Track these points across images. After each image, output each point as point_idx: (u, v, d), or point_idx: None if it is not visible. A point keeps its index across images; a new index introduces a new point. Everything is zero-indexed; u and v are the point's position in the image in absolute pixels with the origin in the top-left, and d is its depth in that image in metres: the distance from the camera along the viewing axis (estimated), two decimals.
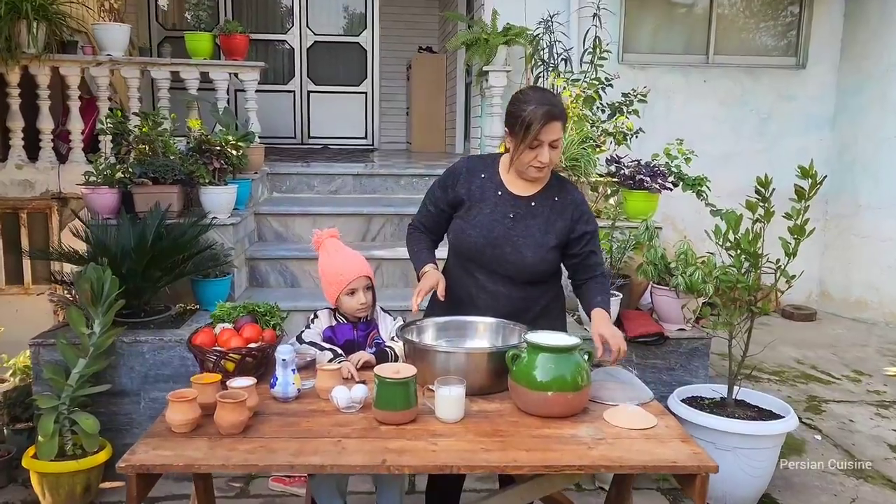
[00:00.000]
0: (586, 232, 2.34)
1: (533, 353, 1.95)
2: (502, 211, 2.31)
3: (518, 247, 2.29)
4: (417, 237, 2.49)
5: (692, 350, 3.51)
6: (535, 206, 2.31)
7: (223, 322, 2.25)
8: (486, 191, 2.34)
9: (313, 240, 2.52)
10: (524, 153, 2.20)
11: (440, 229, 2.48)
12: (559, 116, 2.17)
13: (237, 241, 4.00)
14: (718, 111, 6.25)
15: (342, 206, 4.70)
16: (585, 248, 2.35)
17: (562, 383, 1.90)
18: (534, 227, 2.30)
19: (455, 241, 2.40)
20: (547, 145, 2.18)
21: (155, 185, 3.79)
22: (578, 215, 2.34)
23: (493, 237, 2.30)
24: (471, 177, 2.38)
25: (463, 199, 2.37)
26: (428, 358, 2.06)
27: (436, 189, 2.45)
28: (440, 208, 2.43)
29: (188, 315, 3.63)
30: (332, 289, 2.42)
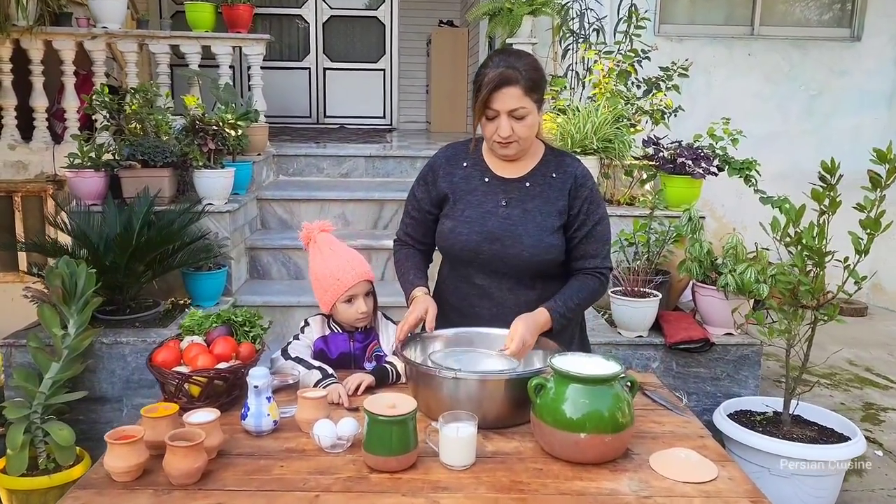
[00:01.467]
0: (581, 211, 1.97)
1: (562, 382, 1.56)
2: (493, 199, 1.98)
3: (517, 236, 1.95)
4: (405, 254, 2.14)
5: (741, 358, 3.10)
6: (531, 186, 1.98)
7: (193, 334, 1.90)
8: (471, 180, 2.02)
9: (301, 235, 2.15)
10: (484, 125, 1.90)
11: (429, 236, 2.12)
12: (515, 80, 1.81)
13: (235, 230, 3.65)
14: (763, 87, 5.75)
15: (353, 191, 4.34)
16: (579, 232, 1.98)
17: (598, 422, 1.52)
18: (532, 209, 1.97)
19: (446, 245, 2.04)
20: (506, 116, 1.84)
21: (144, 169, 3.45)
22: (576, 189, 1.98)
23: (488, 230, 1.96)
24: (451, 168, 2.05)
25: (447, 193, 2.03)
26: (432, 384, 1.69)
27: (415, 191, 2.11)
28: (425, 211, 2.08)
29: (178, 312, 3.30)
30: (326, 296, 2.05)
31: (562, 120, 3.69)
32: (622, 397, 1.56)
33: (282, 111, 7.87)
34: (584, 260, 1.99)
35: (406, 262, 2.10)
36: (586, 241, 1.98)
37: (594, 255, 1.99)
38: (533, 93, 1.85)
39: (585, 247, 1.99)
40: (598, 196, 2.04)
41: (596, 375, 1.54)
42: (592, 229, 1.98)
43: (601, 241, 2.01)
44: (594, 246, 1.99)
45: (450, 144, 2.13)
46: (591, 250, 1.99)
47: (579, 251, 1.99)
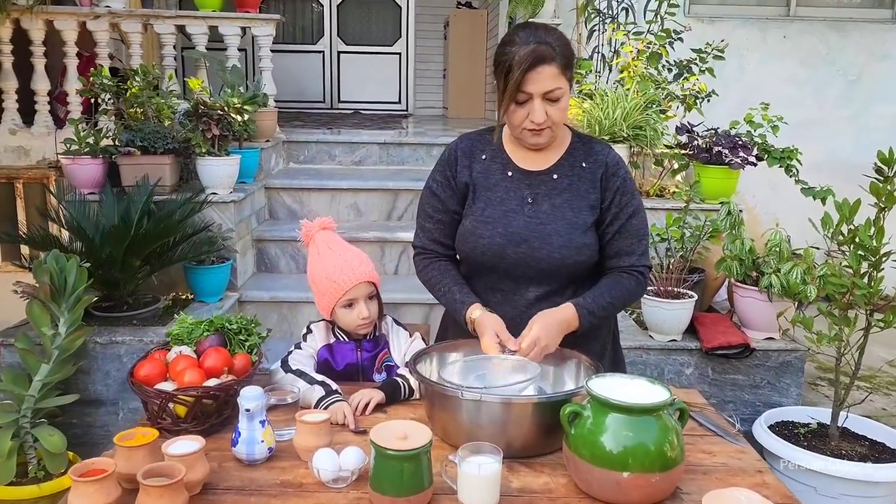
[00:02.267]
0: (613, 203, 1.75)
1: (600, 411, 1.34)
2: (517, 195, 1.77)
3: (546, 236, 1.73)
4: (438, 270, 1.86)
5: (783, 364, 2.87)
6: (559, 178, 1.77)
7: (182, 344, 1.69)
8: (491, 174, 1.80)
9: (301, 234, 1.94)
10: (513, 112, 1.67)
11: (448, 236, 1.88)
12: (551, 57, 1.60)
13: (240, 221, 3.45)
14: (799, 72, 5.45)
15: (365, 180, 4.12)
16: (611, 226, 1.76)
17: (644, 459, 1.29)
18: (561, 205, 1.75)
19: (466, 250, 1.81)
20: (539, 98, 1.63)
21: (144, 156, 3.26)
22: (608, 178, 1.77)
23: (513, 231, 1.74)
24: (469, 160, 1.83)
25: (467, 185, 1.81)
26: (449, 405, 1.48)
27: (434, 190, 1.84)
28: (450, 211, 1.84)
29: (180, 308, 3.10)
30: (324, 299, 1.84)
31: (588, 105, 3.45)
32: (671, 428, 1.33)
33: (295, 96, 7.66)
34: (619, 258, 1.77)
35: (443, 279, 1.84)
36: (620, 237, 1.76)
37: (629, 251, 1.77)
38: (567, 70, 1.64)
39: (619, 243, 1.76)
40: (631, 185, 1.80)
41: (641, 405, 1.31)
42: (627, 223, 1.76)
43: (637, 235, 1.78)
44: (629, 242, 1.77)
45: (464, 136, 1.88)
46: (626, 246, 1.76)
47: (613, 248, 1.77)
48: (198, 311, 3.08)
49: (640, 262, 1.78)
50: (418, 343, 1.90)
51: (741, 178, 4.62)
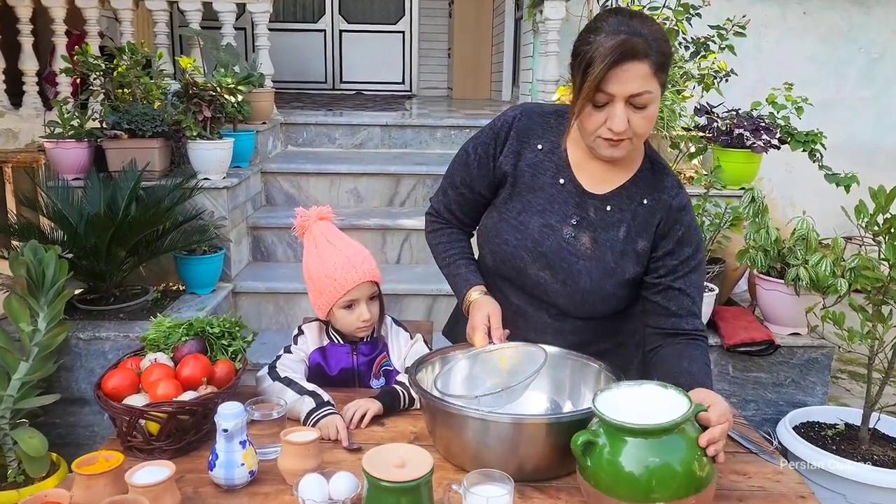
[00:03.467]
0: (673, 252, 1.49)
1: (616, 437, 1.16)
2: (561, 211, 1.52)
3: (575, 274, 1.50)
4: (448, 236, 1.69)
5: (808, 362, 2.70)
6: (612, 210, 1.51)
7: (158, 349, 1.53)
8: (541, 172, 1.53)
9: (296, 223, 1.77)
10: (588, 115, 1.38)
11: (475, 217, 1.68)
12: (644, 53, 1.31)
13: (234, 208, 3.28)
14: (819, 50, 5.22)
15: (366, 164, 3.94)
16: (667, 279, 1.48)
17: (673, 483, 1.12)
18: (604, 243, 1.50)
19: (483, 247, 1.63)
20: (622, 102, 1.34)
21: (132, 139, 3.08)
22: (669, 224, 1.49)
23: (542, 251, 1.52)
24: (522, 144, 1.55)
25: (507, 175, 1.56)
26: (453, 424, 1.31)
27: (469, 161, 1.60)
28: (476, 191, 1.62)
29: (170, 300, 2.95)
30: (321, 299, 1.67)
31: None
32: (696, 441, 1.17)
33: (295, 76, 7.46)
34: (679, 318, 1.47)
35: (451, 248, 1.66)
36: (675, 297, 1.47)
37: (690, 311, 1.48)
38: (662, 72, 1.35)
39: (681, 300, 1.47)
40: (697, 234, 1.51)
41: (661, 425, 1.14)
42: (687, 276, 1.48)
43: (699, 293, 1.51)
44: (688, 301, 1.47)
45: (528, 109, 1.57)
46: (686, 305, 1.47)
47: (670, 304, 1.48)
48: (189, 304, 2.92)
49: (703, 326, 1.52)
50: (420, 346, 1.74)
51: None
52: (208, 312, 2.89)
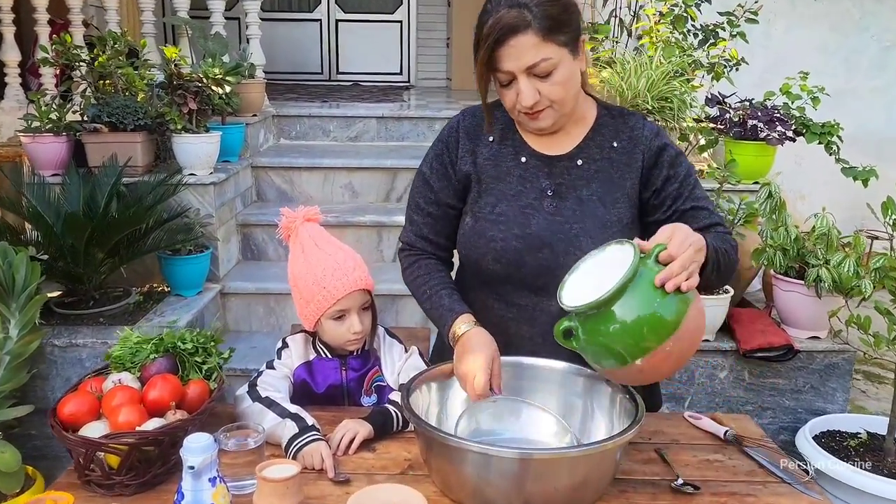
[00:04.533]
0: (670, 177, 1.44)
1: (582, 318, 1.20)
2: (535, 187, 1.46)
3: (573, 238, 1.41)
4: (425, 268, 1.55)
5: (829, 367, 2.55)
6: (584, 163, 1.46)
7: (123, 369, 1.38)
8: (501, 159, 1.49)
9: (280, 225, 1.62)
10: (502, 94, 1.39)
11: (453, 237, 1.57)
12: (524, 24, 1.28)
13: (222, 205, 3.13)
14: (830, 39, 5.05)
15: (362, 157, 3.78)
16: (676, 204, 1.44)
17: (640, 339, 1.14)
18: (590, 198, 1.44)
19: (472, 254, 1.49)
20: (524, 76, 1.32)
21: (113, 133, 2.92)
22: (652, 155, 1.45)
23: (532, 233, 1.42)
24: (474, 142, 1.51)
25: (470, 175, 1.50)
26: (453, 457, 1.16)
27: (427, 178, 1.53)
28: (444, 205, 1.53)
29: (153, 303, 2.80)
30: (308, 309, 1.52)
31: (608, 74, 3.09)
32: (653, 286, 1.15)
33: (290, 67, 7.28)
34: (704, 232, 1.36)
35: (428, 280, 1.52)
36: (695, 216, 1.42)
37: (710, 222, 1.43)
38: (556, 34, 1.30)
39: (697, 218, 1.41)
40: (679, 155, 1.47)
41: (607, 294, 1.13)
42: (693, 192, 1.44)
43: (707, 202, 1.46)
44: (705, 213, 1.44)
45: (468, 111, 1.55)
46: (705, 220, 1.43)
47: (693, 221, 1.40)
48: (174, 306, 2.77)
49: (725, 230, 1.44)
50: (415, 360, 1.58)
51: None
52: (194, 315, 2.74)
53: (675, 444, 1.44)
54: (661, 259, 1.16)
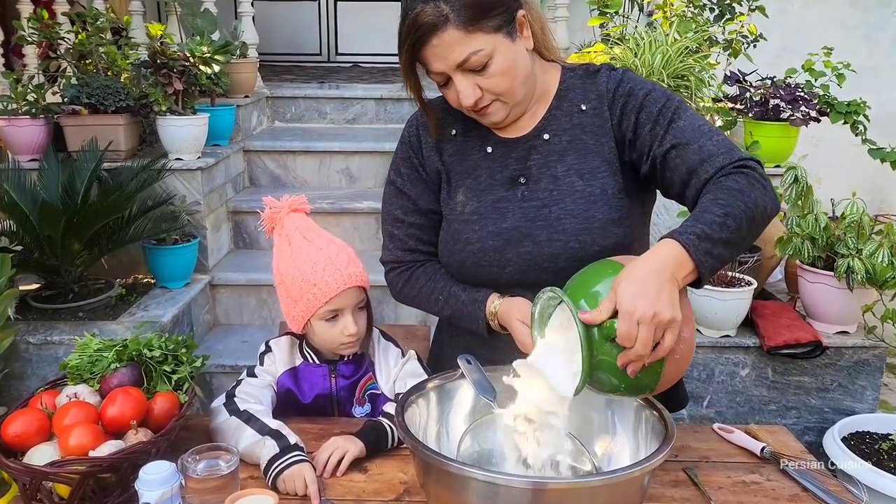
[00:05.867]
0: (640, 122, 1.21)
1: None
2: (505, 177, 1.31)
3: (554, 222, 1.25)
4: (423, 275, 1.37)
5: (858, 364, 2.38)
6: (553, 136, 1.29)
7: (81, 381, 1.22)
8: (467, 154, 1.34)
9: (264, 216, 1.46)
10: (444, 93, 1.26)
11: (432, 243, 1.39)
12: (441, 20, 1.13)
13: (211, 191, 2.96)
14: (849, 14, 4.85)
15: (360, 141, 3.60)
16: (653, 150, 1.19)
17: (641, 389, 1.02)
18: (566, 174, 1.27)
19: (453, 263, 1.34)
20: (458, 74, 1.18)
21: (93, 115, 2.75)
22: (619, 105, 1.25)
23: (508, 227, 1.27)
24: (436, 138, 1.35)
25: (440, 172, 1.35)
26: (452, 486, 1.00)
27: (400, 186, 1.37)
28: (426, 211, 1.37)
29: (137, 296, 2.64)
30: (296, 309, 1.36)
31: (619, 51, 2.89)
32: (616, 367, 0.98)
33: (288, 48, 7.06)
34: (695, 175, 1.14)
35: (435, 284, 1.35)
36: (679, 155, 1.16)
37: (704, 157, 1.14)
38: (482, 21, 1.14)
39: (683, 159, 1.15)
40: (652, 87, 1.23)
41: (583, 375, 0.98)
42: (671, 128, 1.17)
43: (700, 135, 1.16)
44: (694, 149, 1.15)
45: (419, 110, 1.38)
46: (693, 158, 1.15)
47: (680, 173, 1.16)
48: (159, 299, 2.62)
49: (730, 158, 1.13)
50: (413, 366, 1.42)
51: None
52: (181, 308, 2.58)
53: (706, 463, 1.28)
54: (617, 341, 0.95)
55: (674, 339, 0.95)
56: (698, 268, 1.00)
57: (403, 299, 1.41)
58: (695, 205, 1.13)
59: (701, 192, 1.13)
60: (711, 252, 1.01)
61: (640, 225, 1.33)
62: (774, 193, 1.15)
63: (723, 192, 1.08)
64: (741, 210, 1.06)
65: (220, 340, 2.83)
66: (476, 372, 1.20)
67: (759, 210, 1.09)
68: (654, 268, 0.97)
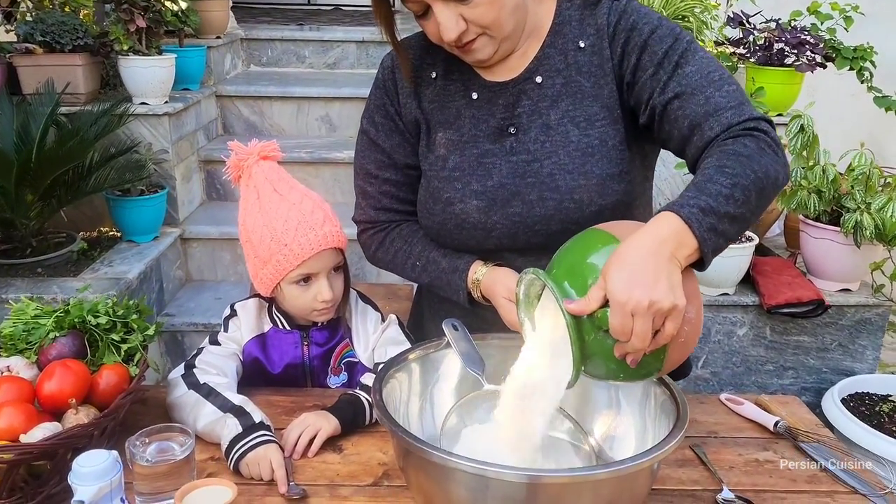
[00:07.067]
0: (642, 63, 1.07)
1: None
2: (491, 127, 1.16)
3: (547, 179, 1.12)
4: (399, 237, 1.25)
5: (860, 323, 2.29)
6: (546, 79, 1.14)
7: (15, 352, 1.07)
8: (448, 100, 1.19)
9: (229, 163, 1.30)
10: (422, 26, 1.12)
11: (410, 202, 1.26)
12: None
13: (180, 138, 2.77)
14: None
15: (340, 86, 3.40)
16: (654, 99, 1.05)
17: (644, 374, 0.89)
18: (559, 122, 1.13)
19: (431, 225, 1.21)
20: (439, 3, 1.04)
21: (49, 54, 2.54)
22: (620, 42, 1.10)
23: (494, 185, 1.14)
24: (414, 83, 1.20)
25: (419, 122, 1.20)
26: (437, 476, 0.88)
27: (374, 137, 1.22)
28: (402, 166, 1.23)
29: (101, 250, 2.48)
30: (265, 270, 1.22)
31: None
32: None
33: None
34: (697, 132, 1.01)
35: (412, 248, 1.23)
36: (680, 107, 1.02)
37: (710, 111, 1.01)
38: None
39: (683, 115, 1.02)
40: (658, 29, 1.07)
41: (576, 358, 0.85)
42: (677, 74, 1.03)
43: (708, 84, 1.02)
44: (700, 99, 1.01)
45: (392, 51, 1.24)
46: (697, 110, 1.01)
47: (684, 125, 1.02)
48: (125, 254, 2.46)
49: (739, 117, 1.00)
50: (393, 332, 1.29)
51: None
52: (149, 264, 2.43)
53: (714, 438, 1.17)
54: (611, 334, 0.82)
55: (676, 326, 0.82)
56: (701, 247, 0.86)
57: (378, 263, 1.29)
58: (695, 165, 1.02)
59: (703, 151, 1.01)
60: (716, 228, 0.87)
61: (643, 180, 1.20)
62: (786, 160, 1.02)
63: (730, 159, 0.94)
64: (750, 181, 0.92)
65: (192, 298, 2.68)
66: (463, 340, 1.07)
67: (770, 181, 0.96)
68: (650, 248, 0.83)
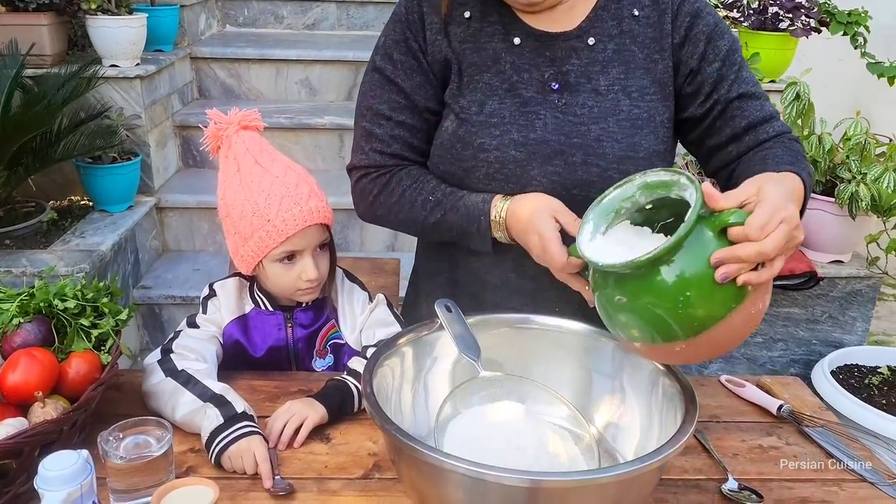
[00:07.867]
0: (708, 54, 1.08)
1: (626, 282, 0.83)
2: (535, 78, 1.09)
3: (594, 143, 1.06)
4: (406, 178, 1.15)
5: (850, 294, 2.27)
6: (598, 42, 1.10)
7: None
8: (484, 42, 1.10)
9: (208, 133, 1.22)
10: None
11: (423, 152, 1.18)
12: None
13: (154, 102, 2.65)
14: None
15: (320, 49, 3.28)
16: (718, 92, 1.08)
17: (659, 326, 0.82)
18: (610, 88, 1.09)
19: (453, 172, 1.12)
20: None
21: (11, 13, 2.40)
22: (683, 24, 1.09)
23: (537, 138, 1.07)
24: (445, 19, 1.10)
25: (449, 62, 1.10)
26: (431, 476, 0.83)
27: (390, 74, 1.12)
28: (422, 109, 1.14)
29: (73, 220, 2.38)
30: (247, 248, 1.14)
31: None
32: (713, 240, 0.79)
33: None
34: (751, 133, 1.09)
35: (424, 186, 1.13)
36: (740, 107, 1.08)
37: (766, 116, 1.09)
38: None
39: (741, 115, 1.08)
40: (721, 23, 1.11)
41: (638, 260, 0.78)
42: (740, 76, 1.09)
43: (760, 93, 1.12)
44: (756, 106, 1.09)
45: None
46: (756, 114, 1.09)
47: (731, 125, 1.09)
48: (97, 224, 2.36)
49: (784, 127, 1.11)
50: (381, 313, 1.22)
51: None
52: (123, 234, 2.34)
53: (716, 423, 1.13)
54: (732, 238, 0.78)
55: (780, 267, 0.79)
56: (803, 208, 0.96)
57: (377, 211, 1.19)
58: (736, 160, 1.09)
59: (752, 150, 1.08)
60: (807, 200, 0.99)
61: (674, 155, 1.19)
62: None
63: (800, 157, 1.05)
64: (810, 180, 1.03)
65: (169, 269, 2.60)
66: (457, 323, 1.01)
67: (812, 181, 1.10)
68: (790, 190, 0.92)
